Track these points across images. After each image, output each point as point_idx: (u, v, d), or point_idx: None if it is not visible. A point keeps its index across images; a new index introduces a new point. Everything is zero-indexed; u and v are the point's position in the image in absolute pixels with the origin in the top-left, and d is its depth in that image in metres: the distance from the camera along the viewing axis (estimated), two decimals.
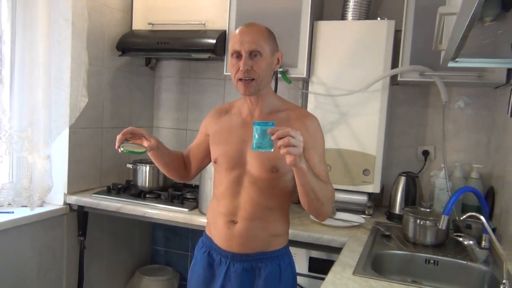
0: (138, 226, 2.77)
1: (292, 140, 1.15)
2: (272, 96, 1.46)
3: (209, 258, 1.49)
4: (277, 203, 1.43)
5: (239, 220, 1.41)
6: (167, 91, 2.86)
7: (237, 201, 1.42)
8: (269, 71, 1.38)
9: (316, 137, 1.39)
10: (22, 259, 2.00)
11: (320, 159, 1.39)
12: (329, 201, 1.37)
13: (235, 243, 1.42)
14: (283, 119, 1.40)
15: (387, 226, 1.92)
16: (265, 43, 1.35)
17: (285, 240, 1.48)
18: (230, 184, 1.43)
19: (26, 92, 2.00)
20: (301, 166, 1.22)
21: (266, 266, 1.41)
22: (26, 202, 2.05)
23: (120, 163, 2.54)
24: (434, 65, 1.92)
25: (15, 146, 1.97)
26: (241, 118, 1.47)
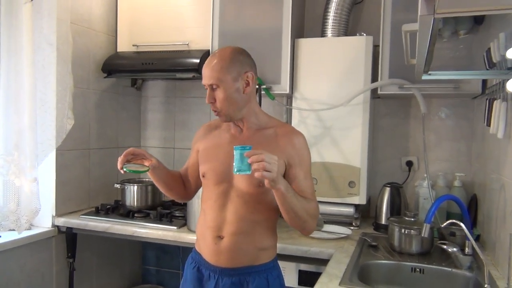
0: (128, 246, 2.76)
1: (267, 165, 1.20)
2: (257, 114, 1.48)
3: (198, 274, 1.50)
4: (263, 217, 1.45)
5: (226, 235, 1.43)
6: (153, 110, 2.89)
7: (224, 214, 1.44)
8: (235, 97, 1.39)
9: (302, 154, 1.42)
10: (11, 283, 1.99)
11: (305, 176, 1.42)
12: (312, 218, 1.40)
13: (223, 258, 1.43)
14: (270, 136, 1.44)
15: (374, 237, 1.95)
16: (224, 73, 1.36)
17: (273, 254, 1.50)
18: (217, 198, 1.46)
19: (12, 116, 2.02)
20: (279, 187, 1.26)
21: (254, 279, 1.43)
22: (14, 225, 2.04)
23: (108, 183, 2.54)
24: (412, 78, 1.98)
25: (2, 170, 1.98)
26: (229, 134, 1.50)
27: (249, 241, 1.43)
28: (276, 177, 1.23)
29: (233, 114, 1.42)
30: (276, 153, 1.35)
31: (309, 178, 1.44)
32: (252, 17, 2.23)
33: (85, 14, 2.39)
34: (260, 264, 1.45)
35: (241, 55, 1.42)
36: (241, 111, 1.43)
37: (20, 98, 2.02)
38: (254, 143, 1.40)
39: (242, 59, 1.41)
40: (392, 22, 2.04)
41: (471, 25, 1.89)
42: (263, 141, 1.43)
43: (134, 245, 2.82)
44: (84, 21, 2.39)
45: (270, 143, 1.42)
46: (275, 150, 1.37)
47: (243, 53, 1.44)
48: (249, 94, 1.42)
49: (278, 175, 1.24)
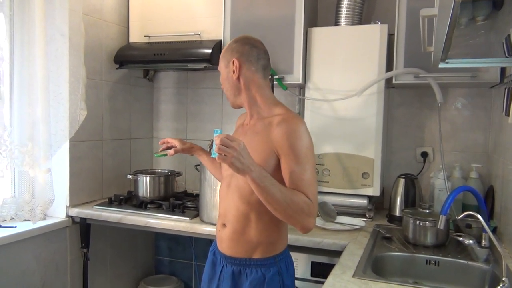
0: (141, 236, 2.78)
1: (222, 148, 1.19)
2: (258, 103, 1.47)
3: (213, 257, 1.57)
4: (255, 210, 1.41)
5: (227, 223, 1.48)
6: (165, 102, 2.89)
7: (226, 203, 1.49)
8: (226, 83, 1.49)
9: (293, 143, 1.33)
10: (26, 273, 2.02)
11: (299, 166, 1.32)
12: (300, 213, 1.29)
13: (224, 245, 1.49)
14: (267, 125, 1.41)
15: (388, 228, 1.92)
16: (221, 60, 1.49)
17: (273, 250, 1.46)
18: (223, 187, 1.53)
19: (26, 108, 2.03)
20: (246, 174, 1.23)
21: (251, 272, 1.44)
22: (28, 216, 2.06)
23: (120, 174, 2.56)
24: (428, 67, 1.94)
25: (16, 160, 1.99)
26: (244, 122, 1.55)
27: (245, 233, 1.44)
28: (235, 161, 1.20)
29: (231, 100, 1.51)
30: (267, 142, 1.37)
31: (305, 170, 1.33)
32: (264, 6, 2.20)
33: (97, 5, 2.38)
34: (257, 258, 1.44)
35: (235, 43, 1.47)
36: (238, 98, 1.48)
37: (34, 90, 2.03)
38: (253, 133, 1.44)
39: (234, 46, 1.46)
40: (408, 9, 1.99)
41: (489, 11, 1.83)
42: (260, 130, 1.42)
43: (147, 235, 2.84)
44: (96, 12, 2.38)
45: (265, 132, 1.40)
46: (267, 139, 1.37)
47: (240, 40, 1.47)
48: (245, 83, 1.44)
49: (242, 160, 1.21)
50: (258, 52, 1.46)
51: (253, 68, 1.44)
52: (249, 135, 1.45)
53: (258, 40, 1.50)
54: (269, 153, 1.36)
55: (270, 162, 1.36)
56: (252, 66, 1.44)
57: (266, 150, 1.37)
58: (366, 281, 1.33)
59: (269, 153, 1.36)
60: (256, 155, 1.30)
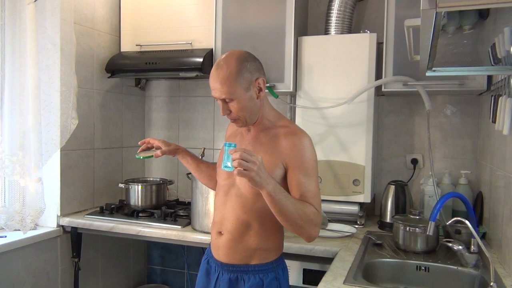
0: (133, 245, 2.77)
1: (244, 163, 1.19)
2: (268, 115, 1.47)
3: (207, 266, 1.57)
4: (259, 219, 1.44)
5: (224, 231, 1.48)
6: (157, 110, 2.89)
7: (224, 211, 1.48)
8: (250, 105, 1.39)
9: (302, 156, 1.38)
10: (16, 284, 2.00)
11: (306, 179, 1.37)
12: (310, 224, 1.33)
13: (221, 253, 1.49)
14: (273, 136, 1.43)
15: (379, 235, 1.94)
16: (234, 87, 1.34)
17: (271, 256, 1.48)
18: (221, 195, 1.51)
19: (16, 117, 2.02)
20: (263, 187, 1.24)
21: (249, 278, 1.45)
22: (19, 225, 2.05)
23: (112, 183, 2.55)
24: (416, 75, 1.97)
25: (7, 170, 1.98)
26: (241, 133, 1.54)
27: (243, 240, 1.45)
28: (255, 176, 1.21)
29: (250, 120, 1.44)
30: (274, 154, 1.37)
31: (312, 182, 1.38)
32: (255, 15, 2.23)
33: (88, 14, 2.39)
34: (255, 264, 1.45)
35: (247, 62, 1.37)
36: (256, 116, 1.45)
37: (25, 99, 2.03)
38: (257, 143, 1.43)
39: (250, 66, 1.37)
40: (396, 18, 2.02)
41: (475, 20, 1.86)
42: (265, 141, 1.43)
43: (139, 244, 2.82)
44: (88, 21, 2.39)
45: (271, 143, 1.41)
46: (274, 151, 1.38)
47: (249, 58, 1.39)
48: (262, 98, 1.43)
49: (261, 175, 1.22)
50: (261, 64, 1.45)
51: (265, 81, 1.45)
52: (253, 146, 1.44)
53: None
54: (277, 164, 1.38)
55: (276, 173, 1.38)
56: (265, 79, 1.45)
57: (273, 161, 1.38)
58: (357, 287, 1.34)
59: (277, 164, 1.38)
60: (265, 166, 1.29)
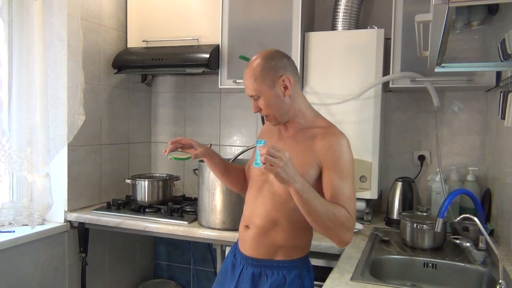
0: (139, 241, 2.78)
1: (271, 159, 1.19)
2: (303, 113, 1.46)
3: (233, 259, 1.57)
4: (286, 217, 1.43)
5: (251, 225, 1.49)
6: (163, 106, 2.90)
7: (254, 207, 1.49)
8: (277, 103, 1.40)
9: (338, 157, 1.36)
10: (24, 278, 2.01)
11: (341, 181, 1.34)
12: (341, 227, 1.30)
13: (246, 246, 1.50)
14: (310, 136, 1.41)
15: (386, 232, 1.93)
16: (259, 84, 1.38)
17: (296, 253, 1.47)
18: (253, 190, 1.52)
19: (24, 113, 2.03)
20: (291, 185, 1.24)
21: (272, 274, 1.45)
22: (27, 220, 2.06)
23: (119, 178, 2.56)
24: (424, 71, 1.95)
25: (15, 165, 2.00)
26: (279, 132, 1.53)
27: (270, 236, 1.45)
28: (281, 172, 1.20)
29: (280, 118, 1.44)
30: (310, 154, 1.37)
31: (346, 185, 1.35)
32: (261, 10, 2.22)
33: (95, 10, 2.40)
34: (279, 260, 1.45)
35: (272, 60, 1.40)
36: (287, 114, 1.44)
37: (32, 95, 2.04)
38: (293, 143, 1.43)
39: (274, 64, 1.39)
40: (404, 14, 2.01)
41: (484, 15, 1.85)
42: (301, 141, 1.42)
43: (145, 240, 2.84)
44: (95, 17, 2.39)
45: (307, 143, 1.40)
46: (310, 150, 1.38)
47: (275, 56, 1.42)
48: (292, 95, 1.42)
49: (288, 171, 1.21)
50: (293, 63, 1.46)
51: (296, 79, 1.45)
52: (289, 144, 1.43)
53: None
54: (311, 164, 1.37)
55: (310, 173, 1.37)
56: (295, 77, 1.44)
57: (308, 161, 1.37)
58: (364, 284, 1.34)
59: (311, 164, 1.37)
60: (297, 165, 1.27)
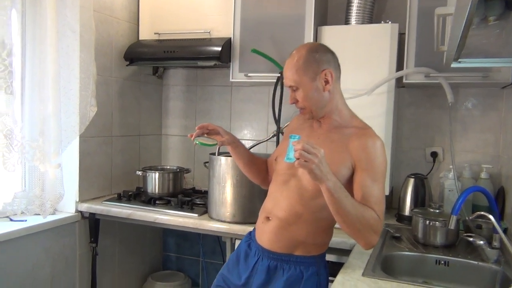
0: (149, 232, 2.80)
1: (306, 155, 1.18)
2: (340, 111, 1.45)
3: (247, 249, 1.56)
4: (312, 213, 1.42)
5: (272, 218, 1.47)
6: (174, 99, 2.90)
7: (278, 199, 1.47)
8: (316, 96, 1.40)
9: (372, 159, 1.35)
10: (36, 267, 2.03)
11: (372, 183, 1.33)
12: (369, 229, 1.30)
13: (265, 238, 1.49)
14: (345, 135, 1.40)
15: (397, 228, 1.91)
16: (301, 75, 1.38)
17: (315, 250, 1.47)
18: (278, 183, 1.50)
19: (36, 103, 2.04)
20: (324, 182, 1.23)
21: (289, 268, 1.44)
22: (39, 210, 2.08)
23: (129, 170, 2.57)
24: (439, 67, 1.92)
25: (27, 155, 2.01)
26: (310, 127, 1.52)
27: (291, 230, 1.44)
28: (315, 168, 1.19)
29: (316, 113, 1.43)
30: (344, 153, 1.36)
31: (377, 188, 1.34)
32: (274, 4, 2.20)
33: (107, 2, 2.39)
34: (297, 255, 1.45)
35: (316, 52, 1.40)
36: (324, 109, 1.43)
37: (44, 85, 2.05)
38: (327, 140, 1.41)
39: (318, 57, 1.40)
40: (419, 9, 1.98)
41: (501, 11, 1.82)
42: (336, 139, 1.41)
43: (155, 231, 2.85)
44: (107, 9, 2.39)
45: (342, 142, 1.39)
46: (344, 150, 1.36)
47: (319, 49, 1.42)
48: (331, 91, 1.41)
49: (322, 169, 1.21)
50: (337, 59, 1.45)
51: (338, 75, 1.44)
52: (322, 141, 1.40)
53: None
54: (344, 163, 1.36)
55: (343, 172, 1.36)
56: (337, 73, 1.43)
57: (342, 160, 1.36)
58: (376, 280, 1.33)
59: (344, 163, 1.36)
60: (330, 164, 1.26)
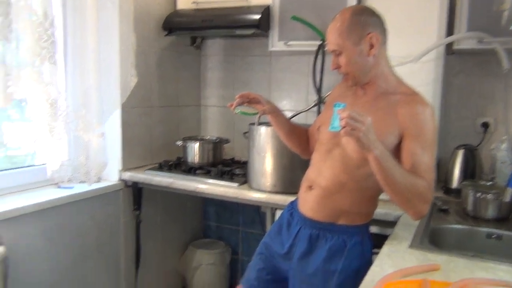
0: (190, 201, 2.84)
1: (352, 123, 1.14)
2: (386, 77, 1.39)
3: (289, 218, 1.55)
4: (356, 183, 1.39)
5: (316, 186, 1.45)
6: (213, 69, 2.87)
7: (322, 168, 1.44)
8: (359, 61, 1.34)
9: (422, 126, 1.29)
10: (83, 232, 2.11)
11: (422, 150, 1.28)
12: (419, 198, 1.25)
13: (307, 207, 1.46)
14: (392, 102, 1.34)
15: (444, 201, 1.84)
16: (344, 39, 1.32)
17: (359, 220, 1.44)
18: (322, 152, 1.47)
19: (78, 74, 2.07)
20: (371, 151, 1.19)
21: (332, 238, 1.41)
22: (84, 178, 2.14)
23: (169, 141, 2.59)
24: (494, 31, 1.79)
25: (71, 125, 2.06)
26: (354, 94, 1.46)
27: (334, 199, 1.41)
28: (363, 137, 1.16)
29: (359, 78, 1.38)
30: (391, 120, 1.30)
31: (427, 155, 1.29)
32: None
33: None
34: (340, 224, 1.42)
35: (361, 15, 1.34)
36: (368, 74, 1.37)
37: (86, 57, 2.07)
38: (372, 108, 1.34)
39: (363, 19, 1.33)
40: None
41: None
42: (382, 106, 1.35)
43: (195, 201, 2.89)
44: None
45: (388, 109, 1.33)
46: (391, 117, 1.31)
47: (365, 12, 1.36)
48: (376, 55, 1.35)
49: (369, 137, 1.17)
50: (383, 23, 1.38)
51: (384, 39, 1.38)
52: (367, 109, 1.34)
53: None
54: (391, 131, 1.31)
55: (390, 141, 1.31)
56: (383, 38, 1.37)
57: (389, 128, 1.31)
58: (424, 252, 1.28)
59: (391, 131, 1.31)
60: (376, 132, 1.21)
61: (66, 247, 2.02)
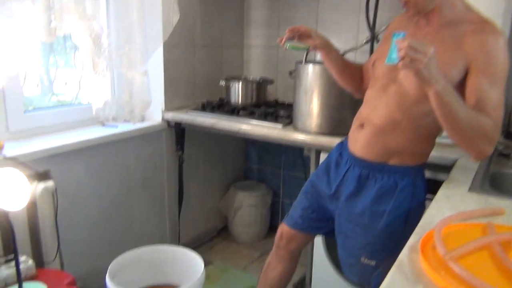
0: (232, 142, 2.83)
1: (412, 54, 1.02)
2: (452, 4, 1.24)
3: (338, 157, 1.49)
4: (411, 121, 1.29)
5: (367, 125, 1.37)
6: (257, 8, 2.74)
7: (375, 106, 1.35)
8: None
9: (491, 59, 1.16)
10: (128, 169, 2.14)
11: (490, 86, 1.16)
12: (483, 138, 1.15)
13: (357, 146, 1.39)
14: (459, 33, 1.21)
15: (506, 145, 1.71)
16: None
17: (413, 160, 1.35)
18: (376, 88, 1.37)
19: (121, 10, 2.02)
20: (431, 85, 1.08)
21: (382, 178, 1.35)
22: (128, 116, 2.14)
23: (212, 81, 2.54)
24: None
25: (114, 62, 2.03)
26: (417, 26, 1.33)
27: (386, 138, 1.32)
28: (423, 69, 1.05)
29: (423, 5, 1.23)
30: (456, 52, 1.17)
31: (496, 91, 1.16)
32: None
33: None
34: (392, 165, 1.34)
35: None
36: (432, 1, 1.22)
37: None
38: (435, 40, 1.22)
39: None
40: None
41: None
42: (447, 37, 1.22)
43: (237, 142, 2.88)
44: None
45: (454, 40, 1.20)
46: (457, 48, 1.18)
47: None
48: None
49: (431, 70, 1.06)
50: None
51: None
52: (429, 40, 1.22)
53: None
54: (456, 64, 1.19)
55: (453, 75, 1.19)
56: None
57: (453, 61, 1.19)
58: (485, 196, 1.19)
59: (456, 64, 1.19)
60: (439, 65, 1.10)
61: (112, 183, 2.07)
